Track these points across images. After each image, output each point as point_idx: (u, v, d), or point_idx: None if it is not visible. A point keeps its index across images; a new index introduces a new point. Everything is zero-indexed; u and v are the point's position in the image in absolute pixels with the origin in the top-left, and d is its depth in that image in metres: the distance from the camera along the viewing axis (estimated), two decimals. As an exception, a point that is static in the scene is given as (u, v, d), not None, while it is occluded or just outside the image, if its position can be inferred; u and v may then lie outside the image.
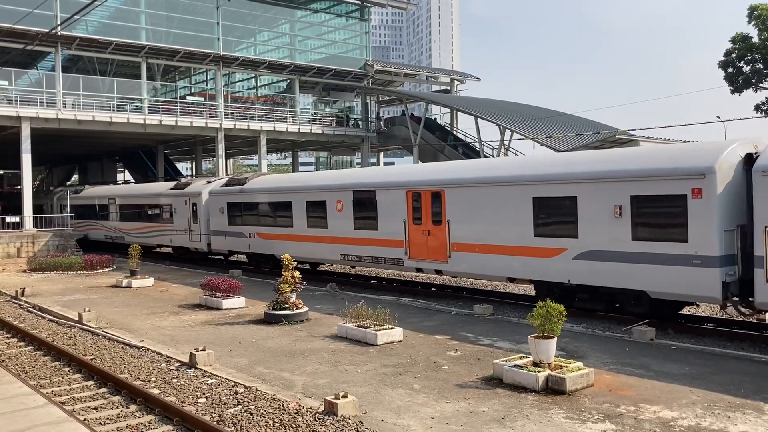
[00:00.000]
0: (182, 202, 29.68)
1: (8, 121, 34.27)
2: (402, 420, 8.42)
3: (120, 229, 35.63)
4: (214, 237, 27.75)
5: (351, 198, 21.21)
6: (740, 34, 39.53)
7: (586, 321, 14.96)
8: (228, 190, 27.10)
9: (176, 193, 30.50)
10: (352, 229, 21.14)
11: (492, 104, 44.19)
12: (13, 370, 11.53)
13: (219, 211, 27.28)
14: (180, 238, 30.30)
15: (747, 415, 8.30)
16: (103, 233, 37.25)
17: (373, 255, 20.43)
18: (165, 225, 31.29)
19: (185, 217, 29.52)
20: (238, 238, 26.35)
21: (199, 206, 28.53)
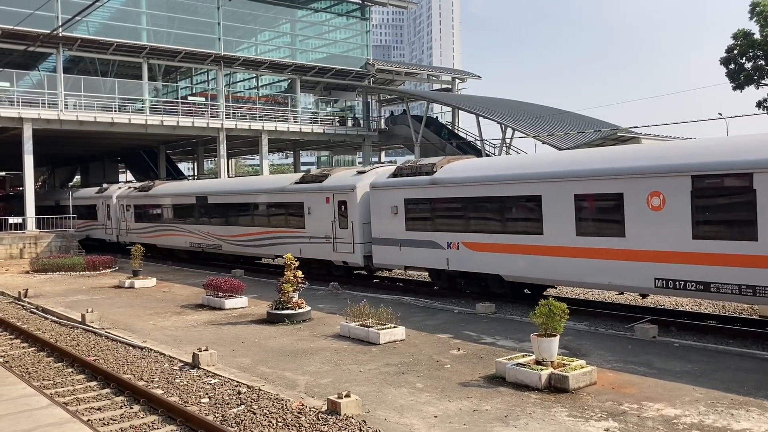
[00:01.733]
0: (320, 200, 22.79)
1: (10, 123, 34.33)
2: (405, 419, 8.43)
3: (215, 235, 28.25)
4: (378, 247, 20.63)
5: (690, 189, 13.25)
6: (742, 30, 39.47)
7: (589, 319, 14.97)
8: (404, 182, 19.74)
9: (309, 188, 23.47)
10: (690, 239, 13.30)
11: (493, 102, 44.16)
12: (17, 371, 11.56)
13: (390, 211, 20.06)
14: (316, 249, 22.85)
15: (750, 412, 8.29)
16: (185, 240, 30.45)
17: None
18: (290, 230, 24.04)
19: (326, 219, 22.47)
20: (424, 250, 19.02)
21: (351, 205, 21.56)
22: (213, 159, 58.94)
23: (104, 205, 37.87)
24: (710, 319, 15.34)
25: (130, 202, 34.96)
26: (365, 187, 21.17)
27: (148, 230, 33.60)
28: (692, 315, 15.77)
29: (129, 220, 35.02)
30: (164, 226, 32.21)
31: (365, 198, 21.13)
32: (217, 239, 28.17)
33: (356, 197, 21.32)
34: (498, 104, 43.28)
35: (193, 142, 49.93)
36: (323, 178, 23.19)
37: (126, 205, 35.27)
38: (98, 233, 38.24)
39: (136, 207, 34.53)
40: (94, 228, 39.09)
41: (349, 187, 21.64)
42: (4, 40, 33.67)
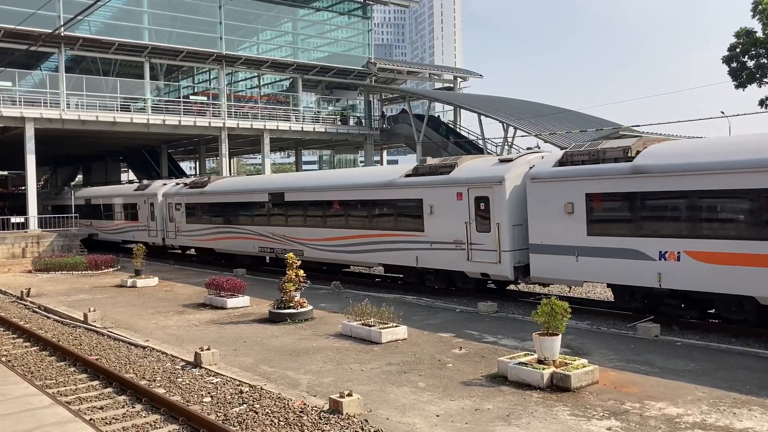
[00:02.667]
0: (448, 196, 18.03)
1: (12, 122, 34.36)
2: (407, 418, 8.42)
3: (294, 238, 23.73)
4: (540, 256, 15.86)
5: None
6: (744, 28, 39.37)
7: (591, 318, 14.95)
8: (583, 171, 15.27)
9: (431, 181, 18.70)
10: None
11: (495, 101, 44.10)
12: (19, 370, 11.57)
13: (561, 209, 15.40)
14: (441, 257, 18.33)
15: (753, 411, 8.28)
16: (253, 244, 26.09)
17: None
18: (401, 234, 19.57)
19: (456, 220, 17.79)
20: (617, 261, 14.51)
21: (496, 202, 16.83)
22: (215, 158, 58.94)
23: (147, 204, 33.43)
24: (713, 317, 15.29)
25: (181, 201, 30.65)
26: (517, 178, 16.65)
27: (204, 232, 29.21)
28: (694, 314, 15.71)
29: (179, 221, 30.76)
30: (226, 228, 27.69)
31: (517, 193, 16.59)
32: (296, 243, 23.51)
33: (504, 192, 16.53)
34: (500, 103, 43.22)
35: (195, 141, 49.98)
36: (449, 168, 18.44)
37: (175, 203, 31.00)
38: (140, 235, 33.83)
39: (189, 206, 30.17)
40: (133, 230, 35.07)
41: (494, 180, 16.87)
42: (6, 40, 33.69)
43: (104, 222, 38.56)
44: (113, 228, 37.39)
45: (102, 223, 38.86)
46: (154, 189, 33.39)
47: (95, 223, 39.33)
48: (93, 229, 39.34)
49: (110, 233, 37.69)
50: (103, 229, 38.69)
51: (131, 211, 35.19)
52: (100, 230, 38.95)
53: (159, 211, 32.40)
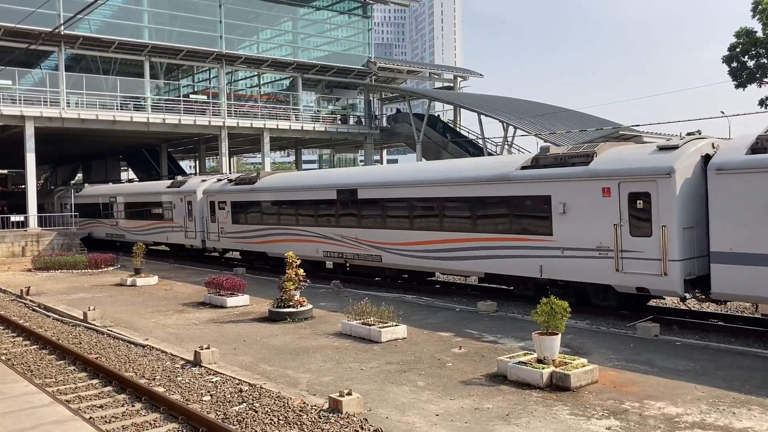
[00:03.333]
0: (588, 192, 15.03)
1: (12, 121, 34.37)
2: (406, 417, 8.43)
3: (370, 242, 20.55)
4: (730, 267, 12.68)
5: None
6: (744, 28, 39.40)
7: (590, 317, 14.94)
8: None
9: (564, 174, 15.65)
10: None
11: (495, 101, 44.10)
12: (19, 368, 11.57)
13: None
14: (578, 266, 15.19)
15: (752, 411, 8.28)
16: (316, 248, 22.63)
17: None
18: (519, 238, 16.38)
19: (599, 221, 14.76)
20: None
21: (661, 199, 13.74)
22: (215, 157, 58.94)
23: (183, 202, 30.20)
24: (712, 317, 15.30)
25: (226, 198, 27.11)
26: (688, 170, 13.62)
27: (253, 234, 25.70)
28: (694, 314, 15.73)
29: (223, 221, 27.33)
30: (280, 230, 24.29)
31: (688, 188, 13.58)
32: (373, 247, 20.52)
33: (674, 187, 13.48)
34: (500, 102, 43.22)
35: (194, 140, 49.99)
36: (587, 158, 15.32)
37: (218, 202, 27.48)
38: (174, 237, 31.06)
39: (236, 204, 26.69)
40: (166, 231, 31.73)
41: (659, 172, 13.69)
42: (6, 38, 33.68)
43: (130, 222, 35.20)
44: (141, 228, 33.96)
45: (128, 223, 35.50)
46: (192, 186, 30.10)
47: (122, 224, 36.12)
48: (117, 230, 36.50)
49: (138, 234, 33.80)
50: (129, 230, 35.26)
51: (164, 210, 31.84)
52: (127, 231, 35.47)
53: (198, 211, 29.09)
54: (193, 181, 30.93)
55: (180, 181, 31.77)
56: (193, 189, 29.75)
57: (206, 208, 28.52)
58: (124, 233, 35.78)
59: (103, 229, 38.25)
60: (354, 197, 21.41)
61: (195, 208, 29.42)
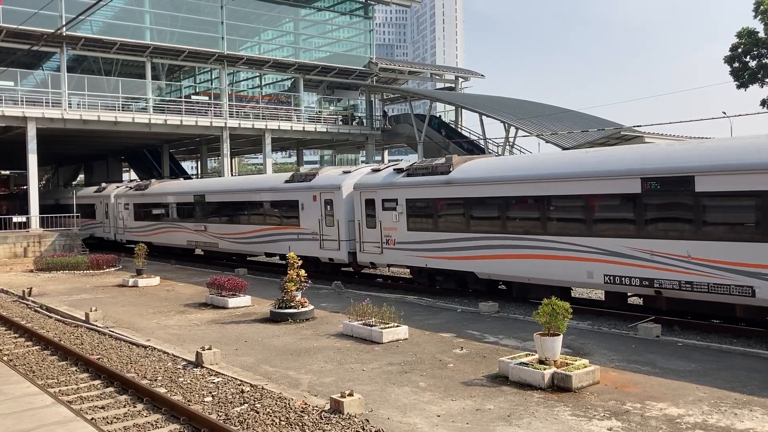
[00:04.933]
0: None
1: (14, 122, 34.40)
2: (408, 418, 8.43)
3: None
4: None
5: None
6: (746, 28, 39.37)
7: (592, 318, 14.94)
8: None
9: None
10: None
11: (497, 101, 44.08)
12: (21, 369, 11.59)
13: None
14: None
15: (754, 411, 8.27)
16: (588, 268, 15.00)
17: None
18: None
19: None
20: None
21: None
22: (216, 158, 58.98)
23: (319, 200, 22.93)
24: (714, 318, 15.28)
25: (397, 196, 20.01)
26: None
27: (445, 246, 18.52)
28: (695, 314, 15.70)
29: (391, 226, 20.17)
30: (502, 239, 16.88)
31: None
32: None
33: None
34: (501, 103, 43.22)
35: (196, 141, 50.00)
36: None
37: (384, 200, 20.54)
38: (304, 247, 23.23)
39: (413, 205, 19.66)
40: (287, 238, 24.39)
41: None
42: (8, 40, 33.73)
43: (228, 227, 27.94)
44: (246, 235, 26.71)
45: (224, 228, 28.20)
46: (333, 179, 22.94)
47: (214, 229, 28.81)
48: (206, 237, 29.30)
49: (240, 242, 27.15)
50: (225, 237, 28.07)
51: (284, 211, 24.80)
52: (221, 238, 28.30)
53: (343, 212, 22.06)
54: (330, 173, 23.88)
55: (310, 174, 24.40)
56: (336, 183, 22.48)
57: (359, 207, 21.35)
58: (216, 241, 28.66)
59: (179, 236, 31.40)
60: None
61: (338, 209, 22.23)
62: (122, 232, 35.90)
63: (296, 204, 23.97)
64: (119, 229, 36.32)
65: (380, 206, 20.54)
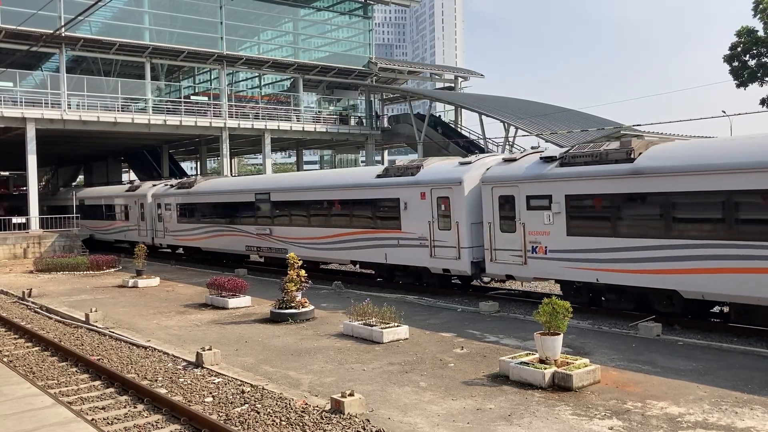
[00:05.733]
0: None
1: (13, 123, 34.39)
2: (408, 418, 8.42)
3: None
4: None
5: None
6: (745, 27, 39.35)
7: (592, 317, 14.93)
8: None
9: None
10: None
11: (496, 101, 44.11)
12: (21, 370, 11.58)
13: None
14: None
15: (754, 410, 8.27)
16: None
17: None
18: None
19: None
20: None
21: None
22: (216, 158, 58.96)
23: (430, 198, 18.51)
24: (714, 317, 15.27)
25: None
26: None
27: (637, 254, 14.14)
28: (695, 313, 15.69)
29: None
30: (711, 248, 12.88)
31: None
32: None
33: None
34: (501, 102, 43.24)
35: (196, 141, 49.99)
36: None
37: (505, 196, 16.76)
38: (410, 255, 19.24)
39: (577, 203, 15.37)
40: (386, 243, 19.92)
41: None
42: (7, 40, 33.72)
43: (301, 230, 23.46)
44: (327, 240, 22.32)
45: (294, 231, 23.83)
46: (449, 172, 18.39)
47: (281, 232, 24.50)
48: (271, 241, 24.97)
49: (318, 248, 22.65)
50: (299, 242, 23.38)
51: (380, 212, 20.32)
52: (292, 242, 23.70)
53: (465, 212, 17.62)
54: (441, 165, 19.18)
55: (410, 166, 19.74)
56: (455, 177, 17.87)
57: (490, 207, 17.04)
58: (284, 246, 24.15)
59: (235, 241, 27.10)
60: None
61: (458, 208, 17.69)
62: (162, 236, 32.07)
63: (396, 203, 19.58)
64: (158, 233, 32.38)
65: (523, 204, 16.30)
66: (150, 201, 33.68)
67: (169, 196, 32.13)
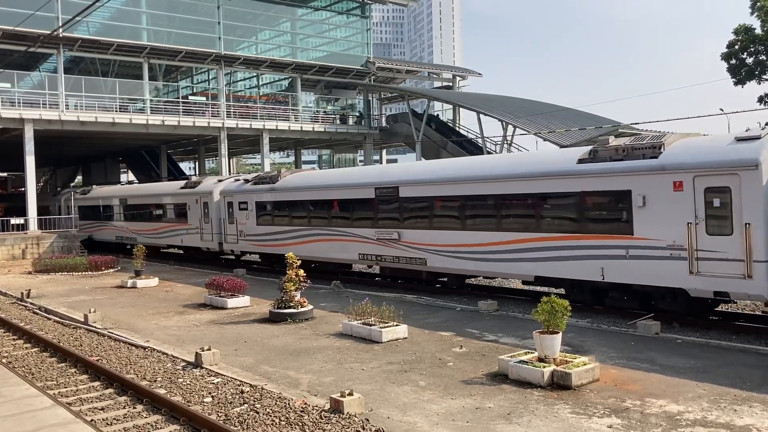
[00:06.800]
0: None
1: (11, 124, 34.36)
2: (408, 417, 8.42)
3: None
4: None
5: None
6: (743, 25, 39.37)
7: (591, 316, 14.95)
8: None
9: None
10: None
11: (494, 100, 44.12)
12: (20, 371, 11.57)
13: None
14: None
15: (753, 408, 8.28)
16: None
17: None
18: None
19: None
20: None
21: None
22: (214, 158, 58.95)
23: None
24: (713, 315, 15.28)
25: None
26: None
27: None
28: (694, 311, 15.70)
29: None
30: None
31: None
32: None
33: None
34: (499, 101, 43.26)
35: (194, 141, 50.00)
36: None
37: None
38: (646, 269, 13.93)
39: None
40: (601, 254, 14.75)
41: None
42: (4, 41, 33.69)
43: (451, 236, 18.06)
44: (499, 248, 16.86)
45: (440, 236, 18.39)
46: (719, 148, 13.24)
47: (414, 237, 19.12)
48: (404, 249, 19.41)
49: (489, 259, 17.14)
50: (446, 251, 18.22)
51: (591, 211, 15.17)
52: (438, 251, 18.43)
53: None
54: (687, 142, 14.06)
55: (641, 146, 14.33)
56: (749, 158, 12.35)
57: None
58: (419, 253, 18.99)
59: (345, 248, 21.61)
60: None
61: (746, 197, 12.35)
62: (235, 241, 26.71)
63: (624, 197, 14.23)
64: (229, 237, 27.11)
65: None
66: (217, 199, 28.23)
67: (244, 194, 26.63)
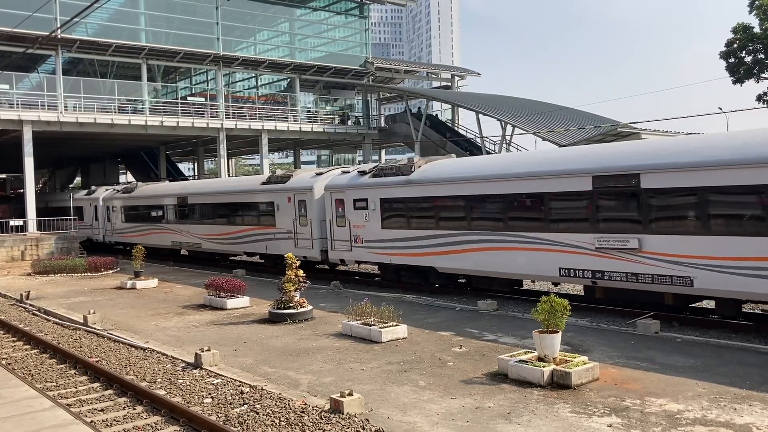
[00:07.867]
0: None
1: (10, 125, 34.34)
2: (408, 417, 8.42)
3: None
4: None
5: None
6: (741, 24, 39.40)
7: (591, 315, 14.95)
8: None
9: None
10: None
11: (493, 99, 44.11)
12: (20, 373, 11.56)
13: None
14: None
15: (753, 406, 8.28)
16: None
17: None
18: None
19: None
20: None
21: None
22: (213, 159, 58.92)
23: None
24: (712, 313, 15.30)
25: None
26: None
27: None
28: (694, 310, 15.73)
29: None
30: None
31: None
32: None
33: None
34: (498, 101, 43.24)
35: (193, 142, 49.95)
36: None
37: None
38: None
39: None
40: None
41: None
42: (3, 43, 33.61)
43: None
44: None
45: None
46: None
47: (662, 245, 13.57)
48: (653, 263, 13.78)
49: None
50: None
51: None
52: None
53: None
54: None
55: None
56: None
57: None
58: (690, 272, 13.17)
59: (519, 258, 16.35)
60: None
61: None
62: (348, 248, 21.50)
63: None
64: (338, 243, 21.93)
65: None
66: (317, 197, 23.21)
67: (362, 189, 21.17)
